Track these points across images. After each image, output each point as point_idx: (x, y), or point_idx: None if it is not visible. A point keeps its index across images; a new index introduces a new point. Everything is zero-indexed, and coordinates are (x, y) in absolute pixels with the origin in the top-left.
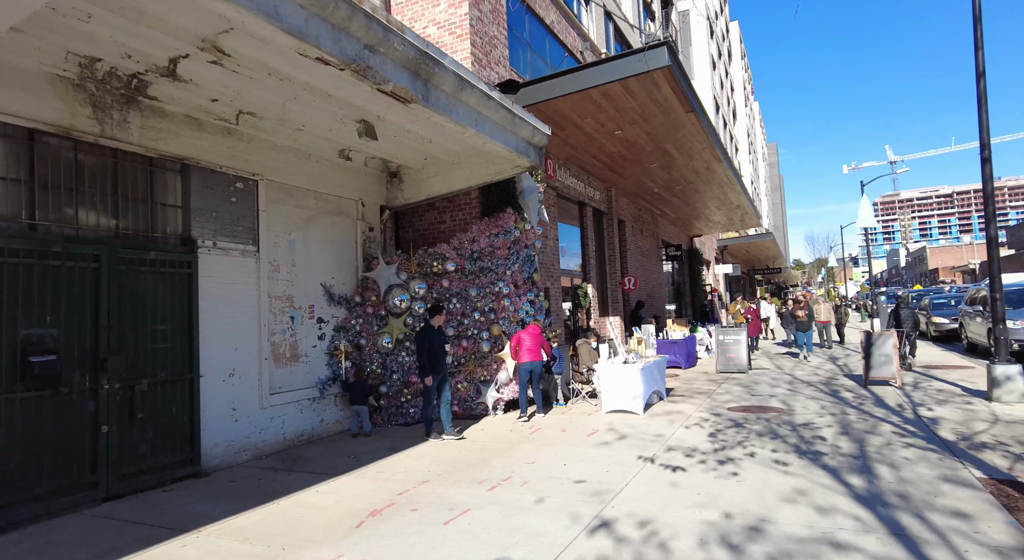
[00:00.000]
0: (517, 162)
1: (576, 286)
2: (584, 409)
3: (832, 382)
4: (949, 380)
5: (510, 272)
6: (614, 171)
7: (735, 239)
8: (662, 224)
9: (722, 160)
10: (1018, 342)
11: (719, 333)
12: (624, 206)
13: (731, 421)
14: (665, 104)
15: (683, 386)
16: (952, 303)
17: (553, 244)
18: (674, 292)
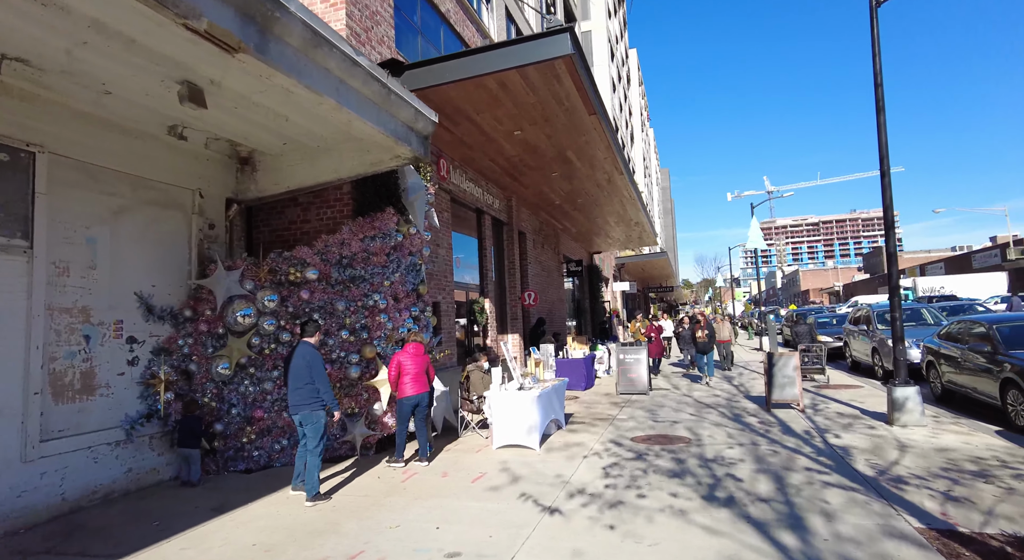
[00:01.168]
0: (396, 151)
1: (472, 301)
2: (473, 443)
3: (734, 405)
4: (843, 400)
5: (389, 282)
6: (515, 178)
7: (632, 257)
8: (564, 239)
9: (623, 173)
10: None
11: (620, 352)
12: (525, 218)
13: (637, 455)
14: (568, 102)
15: (583, 410)
16: (834, 322)
17: (446, 253)
18: (574, 309)
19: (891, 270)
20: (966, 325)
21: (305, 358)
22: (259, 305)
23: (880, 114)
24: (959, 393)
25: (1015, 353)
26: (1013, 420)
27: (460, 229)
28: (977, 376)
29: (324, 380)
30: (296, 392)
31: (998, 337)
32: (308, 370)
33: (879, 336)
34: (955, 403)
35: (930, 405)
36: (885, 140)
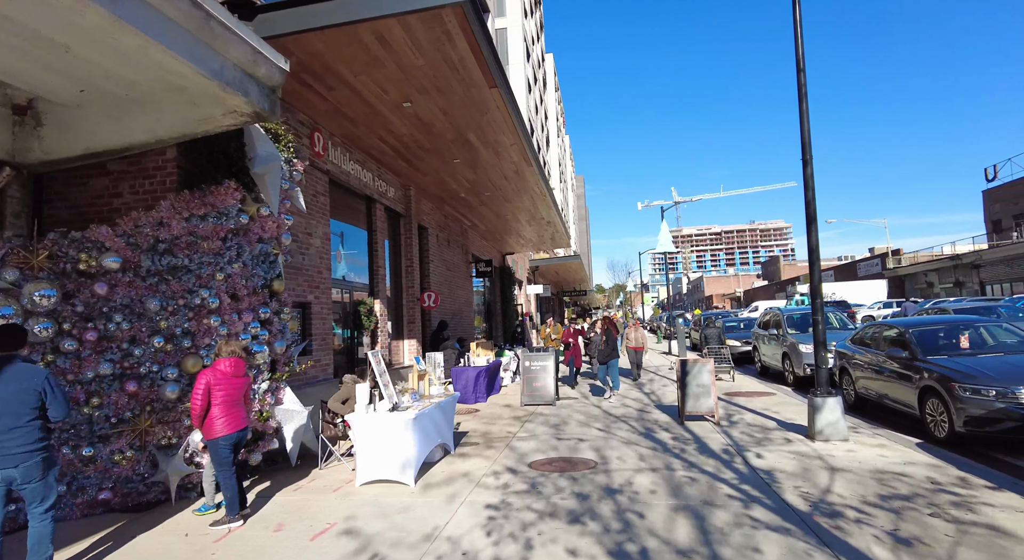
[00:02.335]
0: (228, 103)
1: (358, 302)
2: (334, 478)
3: (646, 417)
4: (757, 409)
5: (224, 275)
6: (411, 164)
7: (546, 260)
8: (473, 237)
9: (532, 163)
10: (810, 366)
11: (525, 358)
12: (427, 210)
13: (533, 487)
14: (463, 71)
15: (481, 427)
16: (741, 326)
17: (322, 245)
18: (485, 312)
19: (813, 269)
20: (880, 329)
21: (21, 382)
22: (26, 302)
23: (802, 101)
24: (873, 401)
25: (934, 359)
26: (932, 431)
27: (344, 218)
28: (893, 383)
29: (62, 405)
30: (7, 437)
31: (915, 342)
32: (27, 399)
33: (790, 341)
34: (868, 411)
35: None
36: (807, 128)
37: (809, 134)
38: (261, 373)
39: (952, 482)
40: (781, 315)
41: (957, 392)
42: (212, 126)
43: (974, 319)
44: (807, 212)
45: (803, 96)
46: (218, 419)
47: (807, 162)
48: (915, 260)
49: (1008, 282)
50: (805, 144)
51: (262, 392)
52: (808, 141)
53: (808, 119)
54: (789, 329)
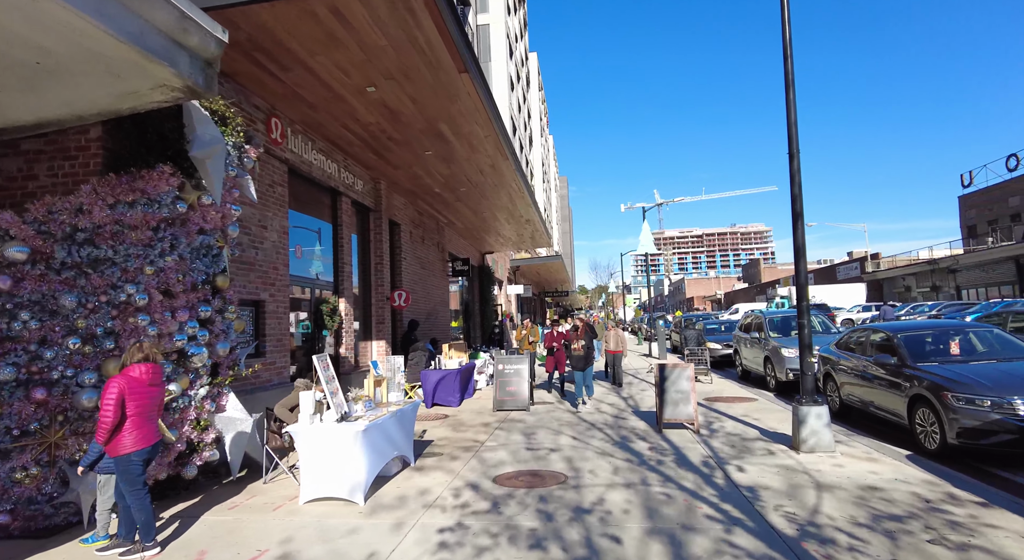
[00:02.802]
0: (155, 75)
1: (320, 300)
2: (278, 494)
3: (622, 424)
4: (738, 416)
5: (154, 269)
6: (381, 156)
7: (527, 260)
8: (449, 235)
9: (508, 158)
10: (793, 371)
11: (499, 361)
12: (400, 206)
13: (495, 507)
14: (430, 53)
15: (448, 434)
16: (722, 329)
17: (279, 239)
18: (463, 312)
19: (799, 267)
20: (867, 333)
21: None
22: None
23: (789, 89)
24: (859, 409)
25: (924, 366)
26: (922, 442)
27: (306, 211)
28: (880, 391)
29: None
30: None
31: (904, 348)
32: None
33: (772, 344)
34: (853, 419)
35: None
36: (794, 118)
37: (796, 125)
38: (199, 377)
39: (948, 500)
40: (763, 318)
41: (950, 401)
42: (140, 102)
43: (964, 324)
44: (793, 208)
45: (790, 83)
46: (130, 432)
47: (793, 155)
48: (893, 264)
49: (983, 287)
50: (791, 136)
51: (199, 398)
52: (794, 133)
53: (795, 108)
54: (771, 332)
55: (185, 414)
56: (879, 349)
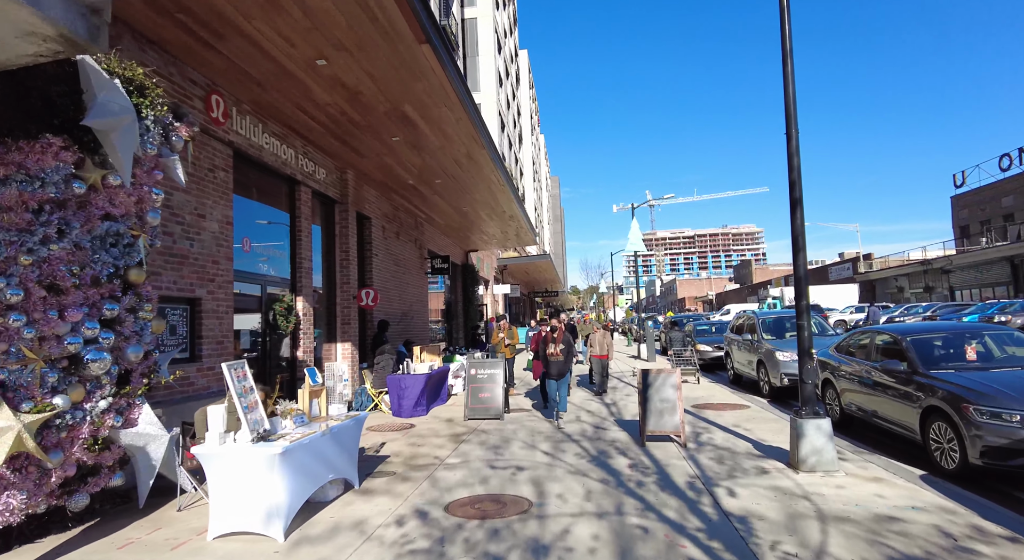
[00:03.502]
0: (18, 19)
1: (273, 299)
2: (190, 524)
3: (602, 436)
4: (728, 427)
5: (33, 258)
6: (344, 143)
7: (515, 259)
8: (429, 232)
9: (485, 147)
10: (788, 376)
11: (471, 366)
12: (371, 199)
13: (440, 544)
14: (384, 18)
15: (407, 449)
16: (713, 330)
17: (221, 230)
18: (445, 312)
19: (798, 259)
20: (870, 336)
21: None
22: None
23: (787, 61)
24: (861, 419)
25: (939, 374)
26: (938, 461)
27: (257, 200)
28: (888, 400)
29: None
30: None
31: (914, 353)
32: None
33: (766, 347)
34: (855, 430)
35: None
36: (792, 94)
37: (794, 101)
38: (100, 388)
39: (975, 535)
40: (756, 319)
41: (972, 416)
42: (8, 56)
43: (980, 326)
44: (791, 195)
45: (787, 53)
46: None
47: (791, 136)
48: (886, 265)
49: (977, 287)
50: (789, 114)
51: (99, 412)
52: (793, 110)
53: (793, 83)
54: (764, 334)
55: (76, 432)
56: (885, 353)
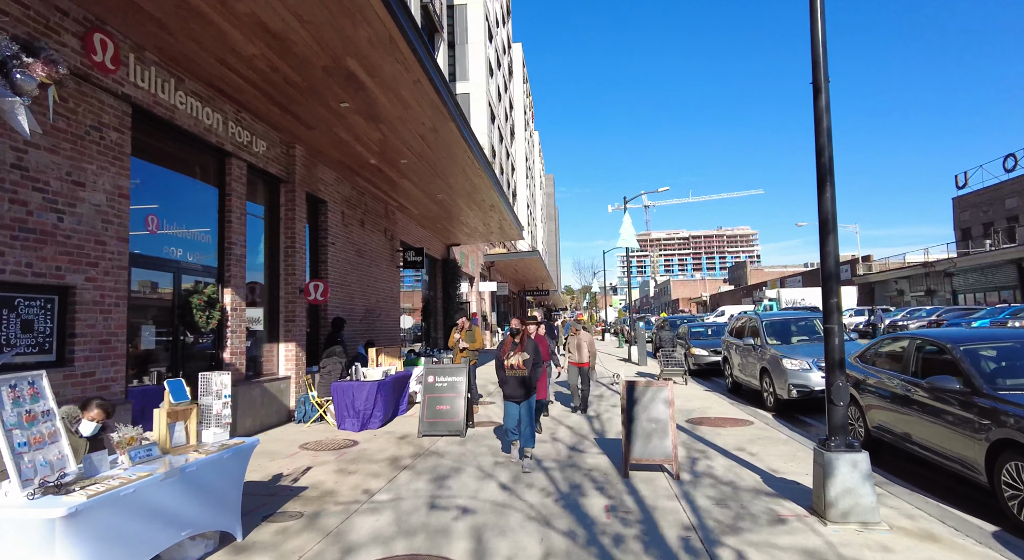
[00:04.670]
0: None
1: (190, 291)
2: None
3: (577, 462)
4: (730, 450)
5: None
6: (286, 109)
7: (502, 255)
8: (403, 222)
9: (453, 120)
10: (797, 388)
11: (428, 372)
12: (329, 181)
13: None
14: None
15: (332, 477)
16: (709, 333)
17: (110, 203)
18: (422, 310)
19: (827, 243)
20: (907, 343)
21: None
22: None
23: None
24: (892, 444)
25: (1012, 396)
26: (1016, 514)
27: (176, 171)
28: (933, 425)
29: None
30: None
31: (973, 367)
32: None
33: (770, 353)
34: (884, 456)
35: None
36: (822, 35)
37: (824, 44)
38: None
39: None
40: (759, 321)
41: None
42: None
43: None
44: (818, 163)
45: None
46: None
47: (819, 88)
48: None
49: (981, 291)
50: (818, 60)
51: None
52: (822, 53)
53: (823, 22)
54: (769, 339)
55: None
56: (929, 366)
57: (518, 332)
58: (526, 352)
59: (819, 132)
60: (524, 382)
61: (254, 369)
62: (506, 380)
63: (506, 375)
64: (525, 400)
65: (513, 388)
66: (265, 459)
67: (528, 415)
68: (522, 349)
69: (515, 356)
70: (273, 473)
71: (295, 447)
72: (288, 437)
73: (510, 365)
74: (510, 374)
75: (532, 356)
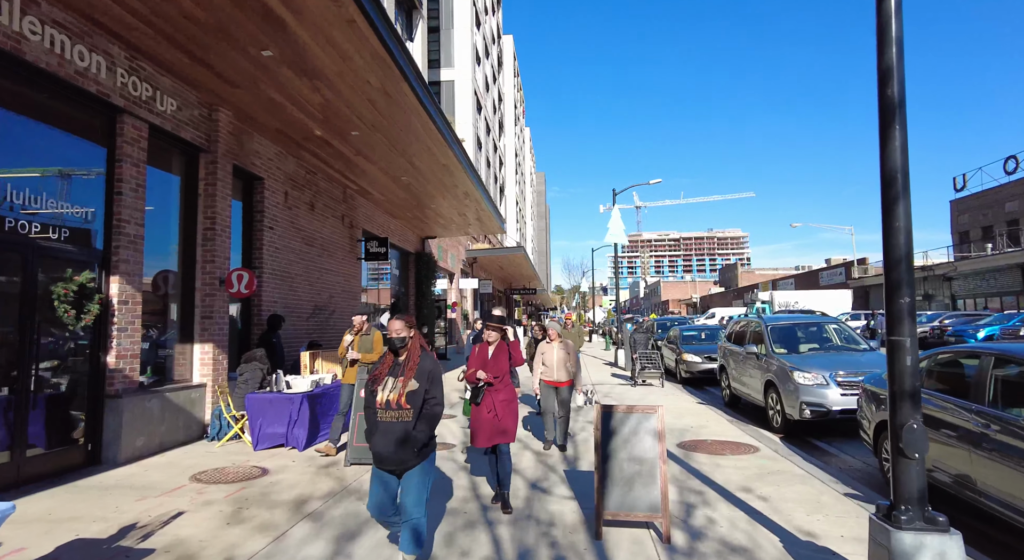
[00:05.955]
0: None
1: (55, 278)
2: None
3: (535, 509)
4: (734, 491)
5: None
6: (195, 57)
7: (485, 250)
8: (366, 209)
9: (406, 79)
10: (811, 408)
11: (360, 384)
12: (267, 154)
13: None
14: None
15: (201, 532)
16: (702, 336)
17: None
18: (392, 308)
19: (895, 211)
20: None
21: None
22: None
23: None
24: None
25: None
26: None
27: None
28: None
29: None
30: None
31: None
32: None
33: (777, 364)
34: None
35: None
36: None
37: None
38: None
39: None
40: (763, 326)
41: None
42: None
43: None
44: (883, 98)
45: None
46: None
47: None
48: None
49: (982, 296)
50: None
51: None
52: None
53: None
54: (775, 346)
55: None
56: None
57: (403, 343)
58: (416, 380)
59: (884, 47)
60: (406, 437)
61: (160, 375)
62: (374, 427)
63: (375, 419)
64: (408, 470)
65: (384, 443)
66: (131, 498)
67: (416, 494)
68: (410, 375)
69: (392, 386)
70: (127, 522)
71: (185, 478)
72: (187, 461)
73: (382, 402)
74: (382, 419)
75: (428, 388)
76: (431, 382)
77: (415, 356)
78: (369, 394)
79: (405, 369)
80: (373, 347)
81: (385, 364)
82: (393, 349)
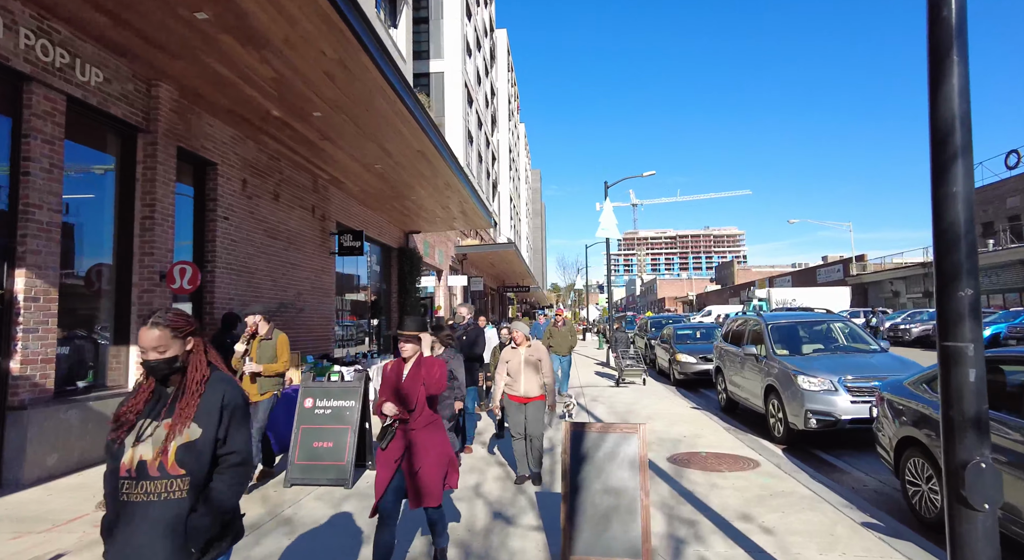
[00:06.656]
0: None
1: None
2: None
3: (493, 549)
4: (732, 520)
5: None
6: (122, 22)
7: (474, 246)
8: (339, 199)
9: (366, 49)
10: (818, 416)
11: (306, 394)
12: (220, 137)
13: None
14: None
15: None
16: (698, 335)
17: None
18: (373, 306)
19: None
20: None
21: None
22: None
23: None
24: None
25: None
26: None
27: None
28: None
29: None
30: None
31: None
32: None
33: (779, 367)
34: None
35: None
36: None
37: None
38: None
39: None
40: (762, 325)
41: None
42: None
43: None
44: (932, 35)
45: None
46: None
47: None
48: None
49: (985, 293)
50: None
51: None
52: None
53: None
54: (776, 348)
55: None
56: None
57: (170, 366)
58: (199, 422)
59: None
60: (177, 529)
61: (84, 381)
62: (115, 510)
63: (118, 495)
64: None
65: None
66: (7, 534)
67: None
68: (186, 415)
69: (150, 434)
70: None
71: (92, 504)
72: (100, 483)
73: (131, 464)
74: (131, 498)
75: (222, 435)
76: (231, 422)
77: (196, 382)
78: (108, 450)
79: (176, 406)
80: (277, 355)
81: (140, 397)
82: (157, 374)
